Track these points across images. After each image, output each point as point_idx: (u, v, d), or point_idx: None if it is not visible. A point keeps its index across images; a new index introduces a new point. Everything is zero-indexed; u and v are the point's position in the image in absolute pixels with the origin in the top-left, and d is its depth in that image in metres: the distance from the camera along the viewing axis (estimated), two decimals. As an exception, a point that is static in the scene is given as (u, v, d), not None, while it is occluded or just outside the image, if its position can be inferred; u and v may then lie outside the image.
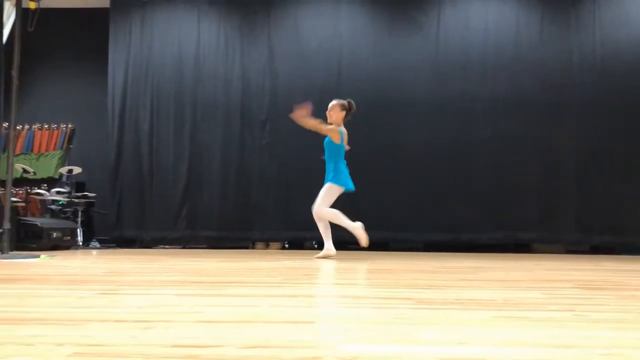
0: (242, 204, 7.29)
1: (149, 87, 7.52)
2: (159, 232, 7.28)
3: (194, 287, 2.46)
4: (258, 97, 7.44)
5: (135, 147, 7.43)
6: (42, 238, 5.93)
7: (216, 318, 1.60)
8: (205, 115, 7.42)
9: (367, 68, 7.32)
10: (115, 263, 4.13)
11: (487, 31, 7.29)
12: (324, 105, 7.32)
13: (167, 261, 4.43)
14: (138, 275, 3.02)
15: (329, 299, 2.04)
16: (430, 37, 7.34)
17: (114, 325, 1.46)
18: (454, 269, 3.85)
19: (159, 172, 7.38)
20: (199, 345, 1.22)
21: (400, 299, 2.05)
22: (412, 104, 7.21)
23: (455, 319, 1.62)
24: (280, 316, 1.65)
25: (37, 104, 8.01)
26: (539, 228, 6.99)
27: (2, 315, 1.62)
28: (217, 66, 7.49)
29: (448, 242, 7.01)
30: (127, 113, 7.50)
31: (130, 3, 7.64)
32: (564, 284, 2.78)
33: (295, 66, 7.40)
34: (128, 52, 7.58)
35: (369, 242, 5.19)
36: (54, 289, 2.33)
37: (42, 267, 3.59)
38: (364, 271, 3.49)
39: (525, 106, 7.12)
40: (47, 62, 8.09)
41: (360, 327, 1.44)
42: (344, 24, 7.44)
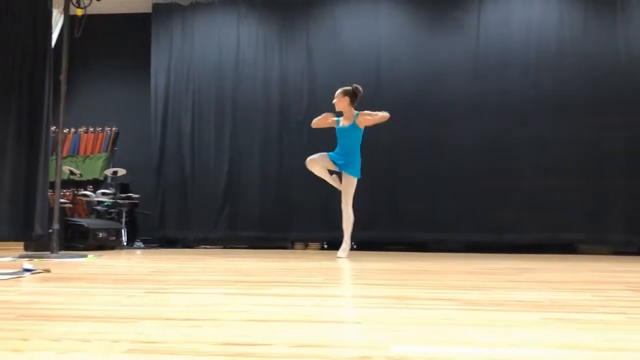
0: (281, 205, 7.33)
1: (190, 89, 7.64)
2: (201, 233, 7.39)
3: (238, 286, 2.49)
4: (296, 98, 7.47)
5: (177, 149, 7.57)
6: (88, 238, 6.09)
7: (263, 317, 1.61)
8: (244, 116, 7.50)
9: (406, 68, 7.27)
10: (160, 263, 4.22)
11: (530, 27, 7.13)
12: (363, 106, 7.31)
13: (210, 261, 4.50)
14: (183, 275, 3.08)
15: (373, 300, 2.04)
16: (471, 35, 7.23)
17: (164, 323, 1.50)
18: (498, 270, 3.79)
19: (200, 174, 7.49)
20: (248, 344, 1.24)
21: (446, 300, 2.03)
22: (453, 103, 7.13)
23: (503, 320, 1.59)
24: (326, 316, 1.65)
25: (83, 108, 8.24)
26: (585, 228, 6.80)
27: (58, 313, 1.67)
28: (256, 68, 7.56)
29: (490, 243, 6.89)
30: (169, 116, 7.64)
31: (171, 7, 7.78)
32: (614, 285, 2.71)
33: (333, 67, 7.40)
34: (169, 56, 7.73)
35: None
36: (104, 287, 2.40)
37: (91, 267, 3.70)
38: (406, 272, 3.47)
39: (569, 104, 6.94)
40: (92, 67, 8.32)
41: (409, 328, 1.44)
42: (382, 23, 7.40)
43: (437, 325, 1.50)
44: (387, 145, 7.22)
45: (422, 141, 7.12)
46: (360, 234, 7.26)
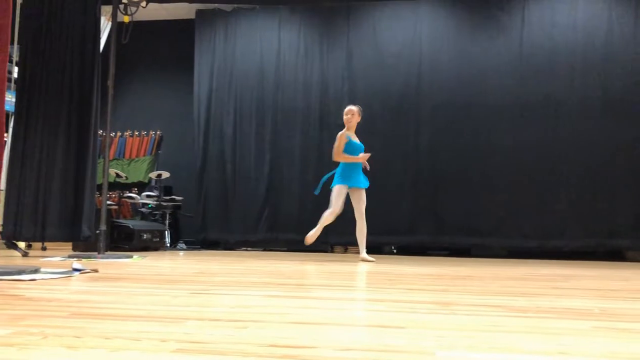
0: (320, 208, 7.33)
1: (232, 94, 7.75)
2: (242, 235, 7.48)
3: (280, 288, 2.51)
4: (336, 101, 7.48)
5: (219, 152, 7.69)
6: (133, 239, 6.24)
7: (307, 319, 1.62)
8: (285, 120, 7.56)
9: (448, 71, 7.19)
10: (203, 264, 4.28)
11: (576, 29, 6.96)
12: (402, 109, 7.28)
13: (251, 263, 4.54)
14: (226, 276, 3.12)
15: (417, 305, 2.02)
16: (514, 36, 7.11)
17: (210, 323, 1.52)
18: (543, 276, 3.71)
19: (241, 177, 7.59)
20: (294, 346, 1.25)
21: (491, 307, 2.00)
22: (496, 107, 7.01)
23: (552, 328, 1.55)
24: (369, 320, 1.65)
25: (129, 112, 8.46)
26: (634, 235, 6.58)
27: (108, 312, 1.72)
28: (297, 71, 7.61)
29: (533, 249, 6.75)
30: (212, 120, 7.77)
31: (214, 13, 7.92)
32: (667, 294, 2.61)
33: (373, 70, 7.39)
34: (212, 61, 7.86)
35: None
36: (150, 287, 2.45)
37: (136, 267, 3.78)
38: (449, 277, 3.43)
39: (617, 106, 6.73)
40: (137, 72, 8.53)
41: (454, 334, 1.42)
42: (423, 26, 7.35)
43: (483, 331, 1.48)
44: (428, 149, 7.16)
45: (464, 145, 7.03)
46: (400, 239, 7.23)
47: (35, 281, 2.61)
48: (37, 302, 1.93)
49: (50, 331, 1.35)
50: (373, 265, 4.75)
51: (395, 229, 7.11)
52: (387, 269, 4.13)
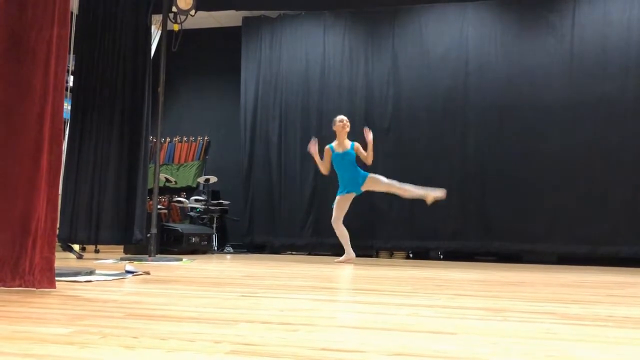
0: (365, 213, 7.32)
1: (278, 99, 7.83)
2: (287, 239, 7.54)
3: (327, 292, 2.52)
4: (381, 105, 7.46)
5: (265, 157, 7.77)
6: (182, 243, 6.37)
7: (356, 324, 1.62)
8: (329, 124, 7.56)
9: (496, 73, 7.06)
10: (250, 267, 4.34)
11: (630, 26, 6.72)
12: (449, 112, 7.19)
13: (298, 267, 4.57)
14: (273, 280, 3.15)
15: (467, 311, 2.00)
16: (565, 36, 6.91)
17: (261, 326, 1.54)
18: (596, 283, 3.59)
19: (286, 181, 7.65)
20: (344, 350, 1.25)
21: (544, 314, 1.95)
22: (546, 109, 6.84)
23: (611, 337, 1.51)
24: (420, 326, 1.64)
25: (178, 118, 8.66)
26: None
27: (162, 313, 1.76)
28: (342, 76, 7.63)
29: (584, 255, 6.53)
30: (258, 125, 7.87)
31: (260, 20, 8.02)
32: None
33: (419, 73, 7.33)
34: (258, 67, 7.96)
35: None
36: (200, 290, 2.50)
37: (186, 270, 3.87)
38: (498, 283, 3.36)
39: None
40: (186, 79, 8.72)
41: (508, 341, 1.40)
42: (470, 28, 7.24)
43: (538, 339, 1.45)
44: (476, 152, 7.05)
45: (513, 148, 6.88)
46: (447, 244, 7.13)
47: (91, 282, 2.70)
48: (94, 302, 2.00)
49: (108, 331, 1.40)
50: (418, 270, 4.70)
51: (442, 233, 7.03)
52: (434, 274, 4.09)
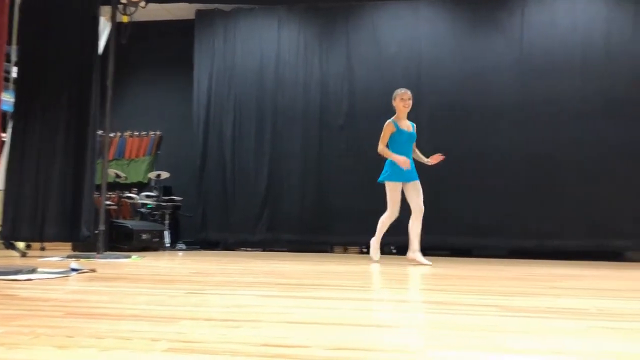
0: (321, 208, 7.35)
1: (231, 94, 7.75)
2: (241, 235, 7.48)
3: (277, 288, 2.50)
4: (336, 101, 7.48)
5: (219, 152, 7.68)
6: (132, 239, 6.24)
7: (301, 319, 1.61)
8: (285, 120, 7.56)
9: (448, 71, 7.18)
10: (201, 264, 4.28)
11: (575, 29, 6.94)
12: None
13: (250, 263, 4.54)
14: (224, 276, 3.11)
15: (413, 304, 2.02)
16: (514, 37, 7.09)
17: (203, 323, 1.52)
18: (542, 276, 3.70)
19: (241, 177, 7.58)
20: (286, 345, 1.24)
21: (488, 306, 1.99)
22: (496, 107, 7.00)
23: (547, 327, 1.55)
24: (365, 319, 1.64)
25: (129, 112, 8.46)
26: (634, 235, 6.56)
27: (103, 311, 1.71)
28: (297, 72, 7.61)
29: (533, 249, 6.73)
30: (211, 120, 7.77)
31: (214, 14, 7.91)
32: (665, 294, 2.60)
33: (373, 70, 7.38)
34: (212, 61, 7.85)
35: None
36: (147, 287, 2.45)
37: (135, 267, 3.78)
38: (448, 277, 3.42)
39: (617, 107, 6.71)
40: (137, 72, 8.53)
41: (448, 334, 1.41)
42: (423, 26, 7.33)
43: (478, 331, 1.47)
44: (430, 150, 7.12)
45: (465, 145, 7.00)
46: (402, 239, 7.20)
47: (32, 281, 2.60)
48: (32, 301, 1.92)
49: (42, 331, 1.35)
50: (372, 265, 4.74)
51: (395, 228, 7.08)
52: (385, 269, 4.13)
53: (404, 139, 5.04)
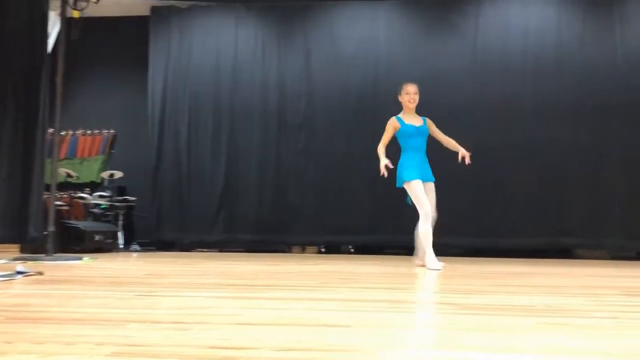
0: (278, 208, 7.31)
1: (187, 93, 7.62)
2: (198, 236, 7.37)
3: (231, 289, 2.47)
4: (294, 101, 7.45)
5: (175, 152, 7.55)
6: (84, 241, 6.06)
7: (252, 320, 1.59)
8: (242, 119, 7.48)
9: (405, 71, 7.23)
10: (155, 265, 4.20)
11: (527, 33, 7.11)
12: (361, 109, 7.31)
13: (205, 264, 4.47)
14: (177, 278, 3.06)
15: (367, 304, 2.02)
16: (469, 39, 7.21)
17: (151, 326, 1.48)
18: (495, 274, 3.78)
19: (197, 177, 7.47)
20: (234, 347, 1.22)
21: (442, 304, 2.01)
22: (451, 107, 7.09)
23: (498, 325, 1.57)
24: (316, 319, 1.63)
25: (81, 110, 8.22)
26: (583, 233, 6.77)
27: (46, 315, 1.65)
28: (254, 71, 7.54)
29: (488, 247, 6.87)
30: (167, 119, 7.62)
31: (170, 10, 7.77)
32: (608, 290, 2.69)
33: (331, 70, 7.39)
34: (167, 59, 7.71)
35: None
36: (96, 290, 2.38)
37: (85, 269, 3.68)
38: (403, 275, 3.45)
39: (568, 108, 6.91)
40: (90, 69, 8.30)
41: (400, 332, 1.42)
42: (381, 27, 7.38)
43: (430, 329, 1.48)
44: (388, 149, 7.20)
45: (421, 145, 7.07)
46: (358, 238, 7.26)
47: (-27, 285, 2.49)
48: (-30, 306, 1.84)
49: (-21, 337, 1.29)
50: (327, 264, 4.73)
51: (353, 228, 7.13)
52: (342, 268, 4.14)
53: (412, 135, 4.65)
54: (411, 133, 4.66)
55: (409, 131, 4.67)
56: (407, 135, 4.67)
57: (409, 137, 4.67)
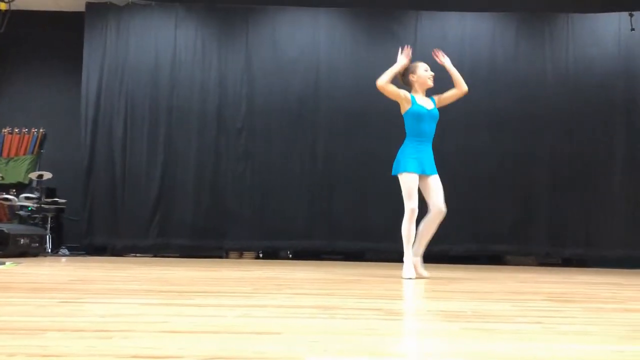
0: (216, 213, 7.20)
1: (123, 92, 7.40)
2: (131, 240, 7.15)
3: (161, 296, 2.40)
4: (235, 104, 7.38)
5: (108, 153, 7.30)
6: (8, 244, 5.75)
7: (179, 328, 1.55)
8: (180, 121, 7.33)
9: (345, 77, 7.32)
10: (84, 271, 4.04)
11: (464, 45, 7.34)
12: (301, 114, 7.32)
13: (137, 270, 4.34)
14: (105, 284, 2.95)
15: (299, 310, 2.01)
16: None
17: (72, 334, 1.41)
18: (426, 280, 3.85)
19: (131, 179, 7.25)
20: (157, 356, 1.18)
21: (371, 310, 2.03)
22: (389, 114, 7.19)
23: (423, 330, 1.60)
24: (247, 327, 1.61)
25: (8, 108, 7.84)
26: (512, 240, 7.04)
27: (-46, 324, 1.55)
28: (194, 72, 7.42)
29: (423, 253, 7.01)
30: (101, 118, 7.37)
31: (106, 7, 7.53)
32: (534, 296, 2.79)
33: (272, 74, 7.37)
34: (103, 57, 7.46)
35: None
36: (15, 297, 2.26)
37: (7, 275, 3.49)
38: (338, 281, 3.46)
39: (499, 118, 7.18)
40: (19, 65, 7.93)
41: (328, 339, 1.42)
42: (322, 33, 7.43)
43: (357, 335, 1.49)
44: (325, 154, 7.25)
45: (360, 152, 7.16)
46: (296, 243, 7.25)
47: None
48: None
49: None
50: (264, 270, 4.70)
51: (291, 233, 7.13)
52: (278, 274, 4.11)
53: (422, 118, 4.18)
54: (422, 116, 4.15)
55: (420, 112, 4.15)
56: (417, 117, 4.16)
57: (419, 120, 4.16)
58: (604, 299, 2.72)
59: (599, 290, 3.26)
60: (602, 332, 1.64)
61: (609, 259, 6.96)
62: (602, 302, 2.53)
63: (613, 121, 7.20)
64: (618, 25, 7.30)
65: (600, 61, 7.31)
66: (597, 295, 2.89)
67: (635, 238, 6.94)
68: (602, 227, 7.02)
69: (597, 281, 4.15)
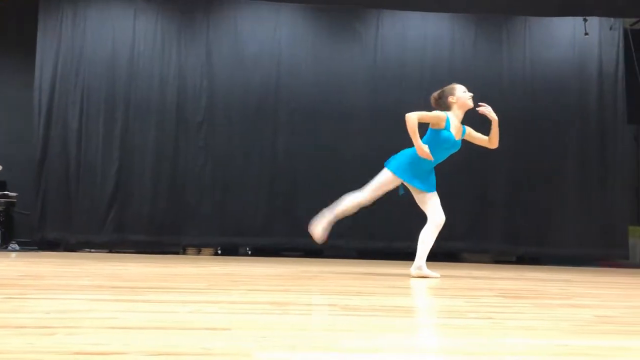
0: (174, 208, 7.08)
1: (79, 84, 7.19)
2: (85, 235, 6.95)
3: (111, 292, 2.34)
4: (194, 98, 7.27)
5: (62, 145, 7.09)
6: (-45, 239, 5.56)
7: (127, 324, 1.52)
8: (138, 115, 7.17)
9: (306, 74, 7.30)
10: (34, 266, 3.92)
11: (425, 44, 7.42)
12: (261, 109, 7.27)
13: (90, 265, 4.24)
14: (55, 279, 2.86)
15: (251, 305, 1.99)
16: (369, 46, 7.41)
17: (13, 331, 1.36)
18: (383, 276, 3.88)
19: (86, 173, 7.06)
20: (101, 352, 1.15)
21: (325, 306, 2.03)
22: (350, 112, 7.25)
23: (375, 325, 1.60)
24: (197, 323, 1.58)
25: (-44, 97, 7.54)
26: (468, 238, 7.16)
27: None
28: (153, 65, 7.27)
29: (381, 250, 7.07)
30: (55, 110, 7.14)
31: (62, -4, 7.32)
32: (487, 292, 2.84)
33: (233, 69, 7.29)
34: (58, 47, 7.23)
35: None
36: (-44, 292, 2.17)
37: (-50, 270, 3.36)
38: (294, 277, 3.46)
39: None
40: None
41: (278, 334, 1.40)
42: (283, 29, 7.39)
43: (309, 331, 1.48)
44: (286, 150, 7.22)
45: (320, 148, 7.16)
46: (255, 240, 7.21)
47: None
48: None
49: None
50: (221, 266, 4.65)
51: (250, 229, 7.08)
52: (235, 270, 4.08)
53: (447, 146, 4.05)
54: (448, 143, 4.03)
55: (449, 140, 4.02)
56: (443, 142, 4.02)
57: (442, 145, 4.03)
58: (552, 295, 2.79)
59: (549, 287, 3.35)
60: (549, 327, 1.68)
61: (562, 257, 7.17)
62: (550, 298, 2.59)
63: (567, 122, 7.40)
64: (573, 29, 7.52)
65: (556, 63, 7.51)
66: (546, 292, 2.96)
67: (587, 237, 7.17)
68: (555, 226, 7.21)
69: (548, 278, 4.27)
